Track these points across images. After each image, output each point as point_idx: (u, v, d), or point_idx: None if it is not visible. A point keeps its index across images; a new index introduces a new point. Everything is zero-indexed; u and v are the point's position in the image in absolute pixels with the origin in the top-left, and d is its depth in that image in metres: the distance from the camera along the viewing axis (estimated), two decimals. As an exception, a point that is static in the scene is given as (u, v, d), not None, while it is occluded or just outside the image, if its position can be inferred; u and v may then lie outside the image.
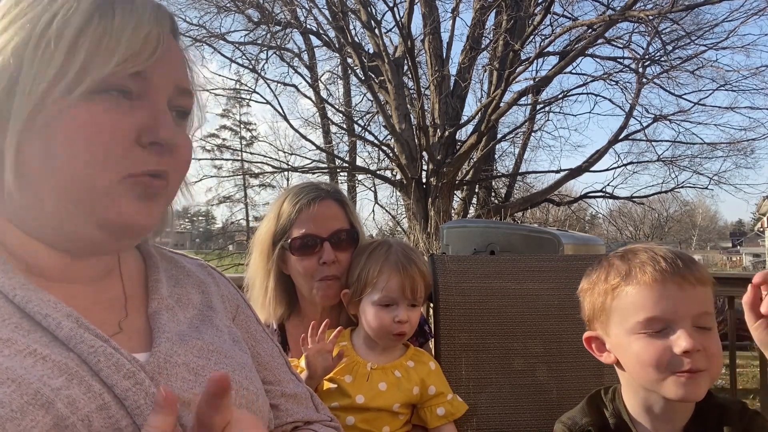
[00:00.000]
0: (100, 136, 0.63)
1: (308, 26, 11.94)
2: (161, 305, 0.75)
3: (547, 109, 12.65)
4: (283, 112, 11.67)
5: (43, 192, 0.64)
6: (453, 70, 11.52)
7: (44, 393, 0.55)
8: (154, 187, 0.67)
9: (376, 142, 12.19)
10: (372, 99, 11.52)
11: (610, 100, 14.72)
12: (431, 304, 1.80)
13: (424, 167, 10.52)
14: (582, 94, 12.54)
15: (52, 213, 0.65)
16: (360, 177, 14.13)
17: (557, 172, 12.33)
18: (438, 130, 10.56)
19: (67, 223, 0.65)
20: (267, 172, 13.63)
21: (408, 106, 10.94)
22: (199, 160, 12.90)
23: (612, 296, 1.00)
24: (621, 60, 12.10)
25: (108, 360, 0.61)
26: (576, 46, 10.87)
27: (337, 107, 13.24)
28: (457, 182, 10.72)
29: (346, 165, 13.68)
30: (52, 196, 0.64)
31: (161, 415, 0.54)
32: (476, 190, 12.27)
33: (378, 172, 12.91)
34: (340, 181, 13.85)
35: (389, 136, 11.24)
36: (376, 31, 10.68)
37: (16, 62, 0.61)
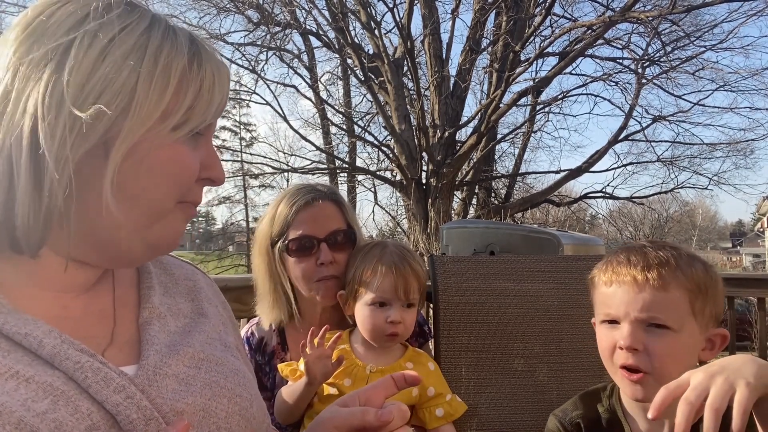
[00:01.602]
0: (183, 172, 0.69)
1: (308, 27, 11.96)
2: (152, 314, 0.73)
3: (546, 109, 12.68)
4: (283, 113, 11.73)
5: (124, 209, 0.65)
6: (453, 70, 11.53)
7: (28, 420, 0.54)
8: (194, 211, 0.74)
9: (375, 142, 12.21)
10: (372, 100, 11.52)
11: (609, 100, 14.79)
12: (431, 305, 1.80)
13: (424, 168, 10.53)
14: (582, 94, 12.60)
15: (117, 229, 0.66)
16: (360, 178, 14.15)
17: (557, 172, 12.36)
18: (438, 131, 10.56)
19: (126, 241, 0.67)
20: (267, 173, 13.65)
21: (408, 106, 10.95)
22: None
23: (590, 290, 1.12)
24: (620, 61, 12.13)
25: (96, 375, 0.60)
26: (576, 46, 10.88)
27: (336, 108, 13.25)
28: (456, 183, 10.73)
29: (346, 166, 13.68)
30: (131, 214, 0.66)
31: None
32: (476, 191, 12.28)
33: (378, 172, 12.92)
34: (339, 182, 13.87)
35: (389, 137, 11.25)
36: (376, 31, 10.69)
37: (130, 86, 0.63)
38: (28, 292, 0.65)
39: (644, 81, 11.45)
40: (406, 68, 10.87)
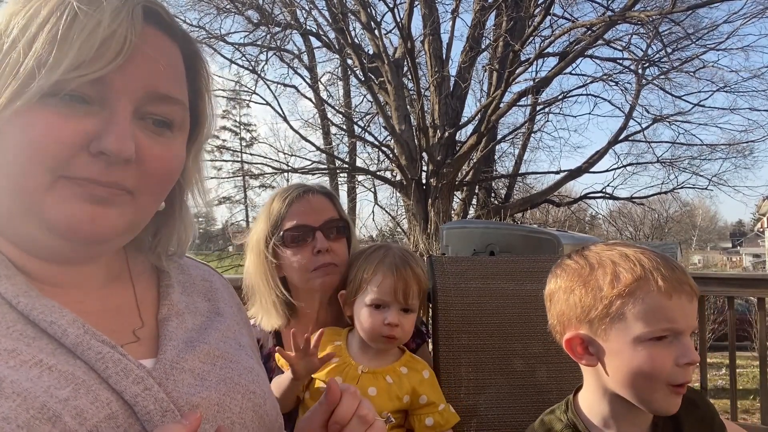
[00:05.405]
0: (42, 139, 0.60)
1: (308, 27, 11.94)
2: (171, 311, 0.75)
3: (546, 110, 12.66)
4: (283, 113, 11.70)
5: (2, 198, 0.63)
6: (453, 70, 11.52)
7: (51, 406, 0.55)
8: (98, 191, 0.63)
9: (376, 143, 12.19)
10: (372, 100, 11.51)
11: (609, 101, 14.67)
12: (430, 305, 1.79)
13: (424, 168, 10.52)
14: (582, 95, 12.57)
15: (8, 219, 0.64)
16: (360, 178, 14.14)
17: (557, 172, 12.34)
18: (438, 131, 10.55)
19: (23, 227, 0.64)
20: (267, 174, 13.62)
21: (408, 107, 10.94)
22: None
23: (623, 301, 0.94)
24: (620, 61, 12.11)
25: (116, 366, 0.61)
26: (576, 47, 10.87)
27: (337, 108, 13.23)
28: (456, 183, 10.71)
29: (346, 166, 13.67)
30: (6, 200, 0.63)
31: (183, 428, 0.56)
32: (476, 191, 12.27)
33: (378, 173, 12.91)
34: (340, 182, 13.86)
35: (389, 137, 11.24)
36: (376, 32, 10.68)
37: None
38: (39, 288, 0.66)
39: (644, 82, 11.44)
40: (406, 68, 10.85)
